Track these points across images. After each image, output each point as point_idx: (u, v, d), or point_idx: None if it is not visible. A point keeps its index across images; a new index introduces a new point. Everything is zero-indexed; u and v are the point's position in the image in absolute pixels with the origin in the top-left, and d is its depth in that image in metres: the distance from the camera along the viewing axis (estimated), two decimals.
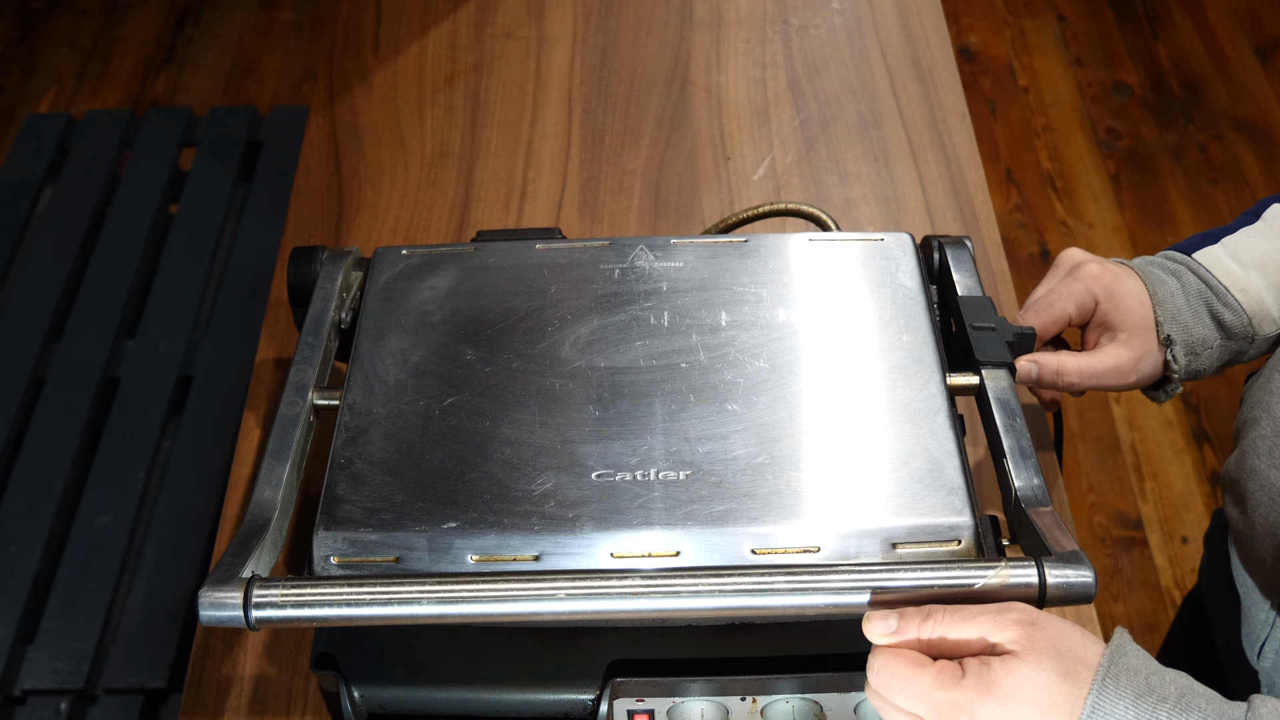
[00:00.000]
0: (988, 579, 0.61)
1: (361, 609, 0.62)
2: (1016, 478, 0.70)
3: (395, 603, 0.61)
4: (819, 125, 1.21)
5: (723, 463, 0.71)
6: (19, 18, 2.84)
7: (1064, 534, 0.64)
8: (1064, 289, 0.85)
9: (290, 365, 0.79)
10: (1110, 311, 0.84)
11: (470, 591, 0.62)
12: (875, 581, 0.61)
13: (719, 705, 0.73)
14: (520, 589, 0.62)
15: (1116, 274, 0.84)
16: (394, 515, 0.69)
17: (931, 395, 0.74)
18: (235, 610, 0.62)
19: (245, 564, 0.65)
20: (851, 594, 0.61)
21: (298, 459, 0.74)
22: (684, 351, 0.77)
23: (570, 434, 0.72)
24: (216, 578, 0.63)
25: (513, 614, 0.62)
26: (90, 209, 1.65)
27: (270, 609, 0.62)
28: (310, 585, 0.62)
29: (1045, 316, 0.84)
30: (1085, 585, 0.61)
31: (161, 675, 1.23)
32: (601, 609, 0.62)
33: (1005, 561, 0.61)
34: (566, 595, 0.61)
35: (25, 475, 1.39)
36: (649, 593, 0.62)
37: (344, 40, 1.32)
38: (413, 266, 0.84)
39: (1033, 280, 2.29)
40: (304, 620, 0.62)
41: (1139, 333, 0.83)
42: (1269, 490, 0.76)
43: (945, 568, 0.62)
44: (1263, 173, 2.43)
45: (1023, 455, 0.71)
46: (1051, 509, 0.68)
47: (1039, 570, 0.61)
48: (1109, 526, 1.98)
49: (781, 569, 0.62)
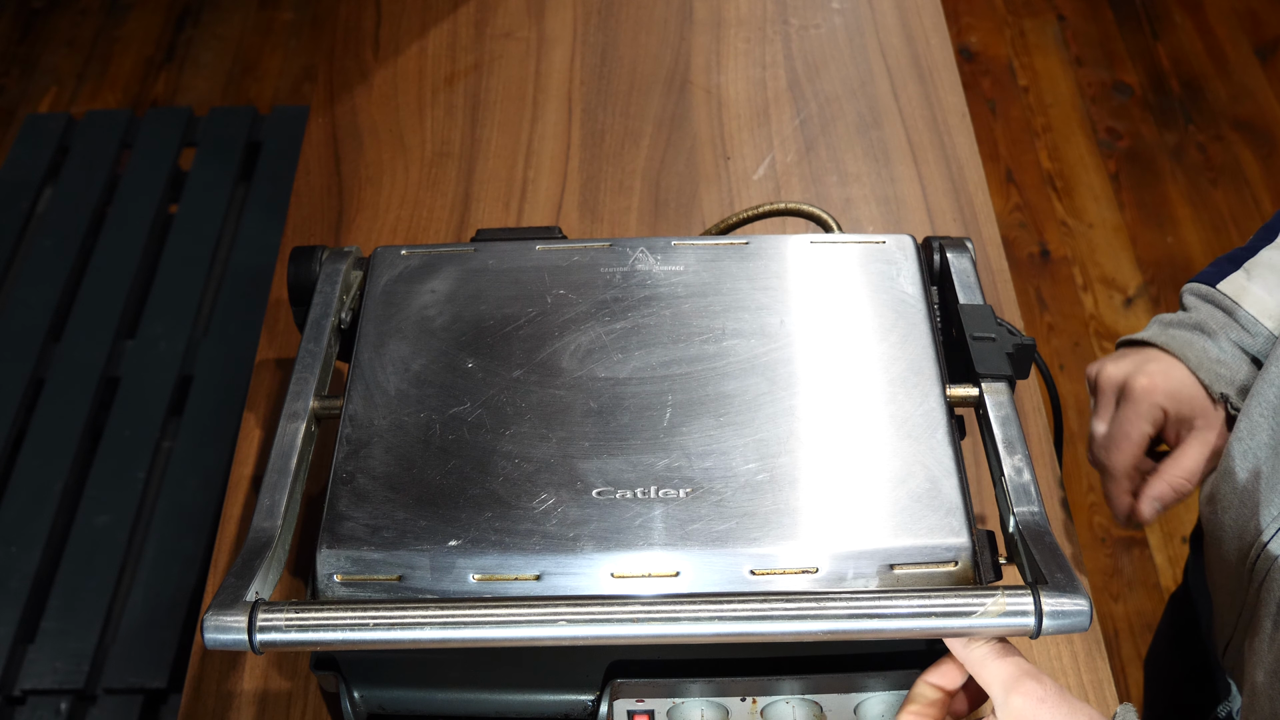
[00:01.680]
0: (985, 607, 0.61)
1: (364, 633, 0.62)
2: (1015, 503, 0.70)
3: (398, 627, 0.62)
4: (819, 125, 1.21)
5: (723, 480, 0.70)
6: (19, 18, 2.84)
7: (1061, 561, 0.64)
8: (1129, 415, 0.85)
9: (291, 372, 0.79)
10: (1178, 409, 0.84)
11: (473, 617, 0.62)
12: (874, 609, 0.62)
13: (719, 706, 0.73)
14: (522, 614, 0.62)
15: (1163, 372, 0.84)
16: (396, 533, 0.69)
17: (931, 410, 0.74)
18: (240, 634, 0.62)
19: (249, 585, 0.65)
20: (850, 621, 0.62)
21: (299, 477, 0.73)
22: (685, 361, 0.77)
23: (571, 448, 0.72)
24: (221, 601, 0.63)
25: (515, 639, 0.62)
26: (90, 209, 1.65)
27: (274, 633, 0.62)
28: (313, 610, 0.63)
29: (1129, 452, 0.85)
30: (1080, 615, 0.61)
31: (161, 675, 1.23)
32: (603, 634, 0.62)
33: (1002, 590, 0.62)
34: (568, 621, 0.62)
35: (25, 475, 1.39)
36: (650, 618, 0.62)
37: (344, 40, 1.32)
38: (412, 268, 0.83)
39: (1033, 280, 2.29)
40: (307, 644, 0.63)
41: (1207, 411, 0.84)
42: (1239, 492, 0.77)
43: (943, 595, 0.62)
44: (1263, 173, 2.43)
45: (1021, 480, 0.71)
46: (1049, 533, 0.68)
47: (1035, 600, 0.61)
48: (1109, 526, 1.98)
49: (780, 595, 0.62)
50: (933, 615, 0.61)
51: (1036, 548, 0.66)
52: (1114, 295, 2.27)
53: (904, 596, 0.62)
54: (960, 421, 0.76)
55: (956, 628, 0.61)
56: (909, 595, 0.62)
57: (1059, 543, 0.67)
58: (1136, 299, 2.27)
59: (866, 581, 0.67)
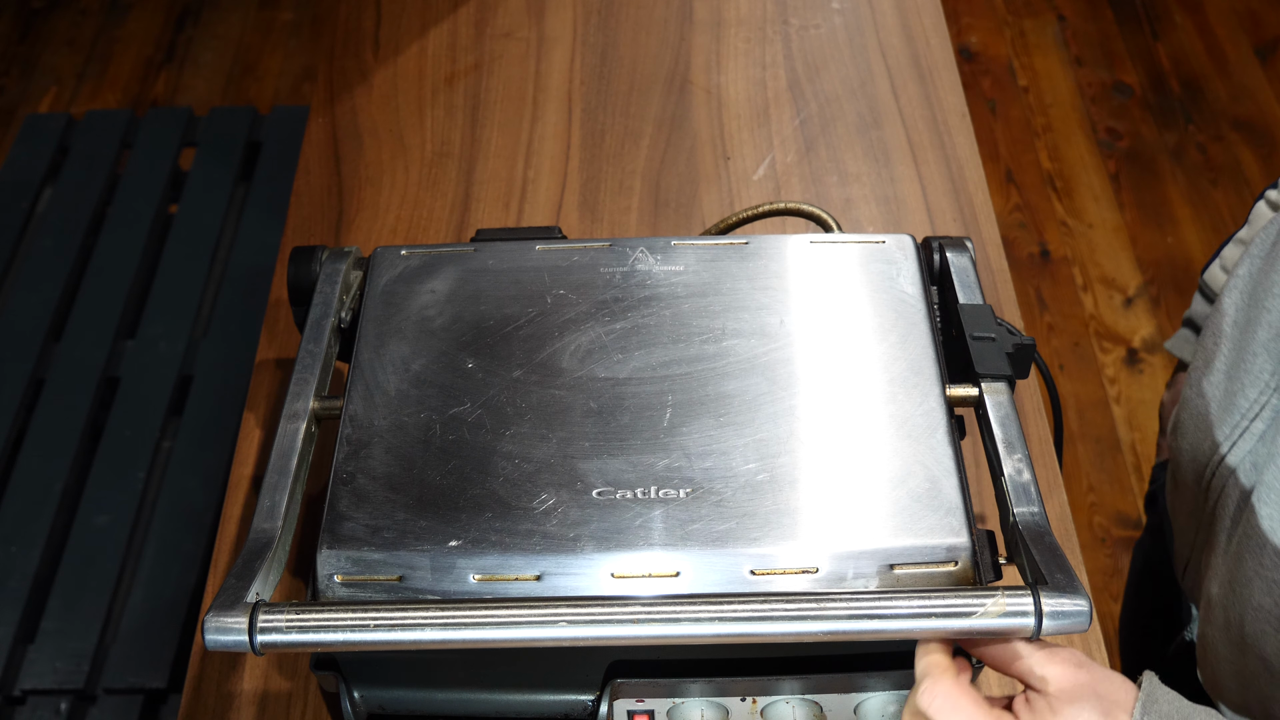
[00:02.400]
0: (986, 608, 0.61)
1: (365, 634, 0.62)
2: (1015, 503, 0.70)
3: (399, 628, 0.62)
4: (819, 125, 1.21)
5: (723, 480, 0.70)
6: (19, 18, 2.84)
7: (1061, 561, 0.64)
8: None
9: (291, 373, 0.79)
10: None
11: (473, 618, 0.62)
12: (874, 609, 0.62)
13: (719, 706, 0.73)
14: (523, 615, 0.62)
15: None
16: (397, 534, 0.69)
17: (931, 409, 0.74)
18: (241, 635, 0.62)
19: (250, 586, 0.65)
20: (850, 622, 0.62)
21: (299, 477, 0.74)
22: (685, 361, 0.77)
23: (571, 448, 0.72)
24: (221, 602, 0.63)
25: (515, 639, 0.62)
26: (90, 209, 1.65)
27: (275, 634, 0.62)
28: (314, 611, 0.63)
29: None
30: (1080, 615, 0.61)
31: (161, 675, 1.23)
32: (603, 635, 0.62)
33: (1002, 591, 0.62)
34: (569, 622, 0.62)
35: (25, 475, 1.39)
36: (650, 619, 0.62)
37: (344, 40, 1.32)
38: (412, 268, 0.83)
39: (1033, 280, 2.29)
40: (309, 645, 0.63)
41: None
42: (1196, 417, 0.78)
43: (943, 596, 0.62)
44: (1263, 173, 2.43)
45: (1021, 480, 0.71)
46: (1049, 533, 0.68)
47: (1035, 600, 0.61)
48: (1109, 526, 1.98)
49: (780, 596, 0.62)
50: (933, 615, 0.61)
51: (1036, 548, 0.66)
52: (1114, 295, 2.28)
53: (904, 597, 0.62)
54: (960, 422, 0.76)
55: (957, 628, 0.61)
56: (909, 596, 0.62)
57: (1059, 543, 0.67)
58: (1136, 299, 2.27)
59: (866, 581, 0.67)
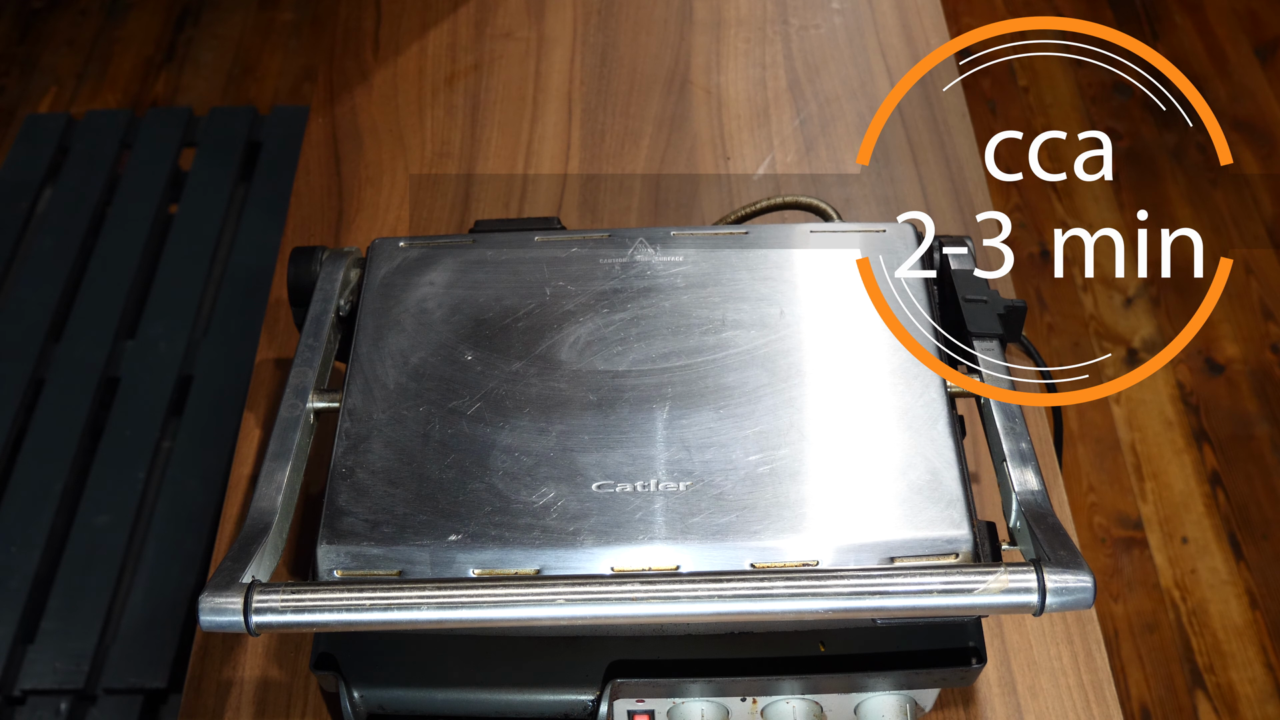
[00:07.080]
0: (987, 584, 0.61)
1: (362, 614, 0.62)
2: (1016, 483, 0.70)
3: (396, 608, 0.62)
4: (819, 125, 1.21)
5: (723, 473, 0.70)
6: (19, 18, 2.84)
7: (1064, 539, 0.64)
8: None
9: (290, 367, 0.79)
10: None
11: (470, 597, 0.62)
12: (874, 587, 0.61)
13: (719, 706, 0.73)
14: (520, 594, 0.62)
15: None
16: (396, 528, 0.69)
17: (931, 401, 0.74)
18: (235, 615, 0.62)
19: (246, 569, 0.65)
20: (850, 599, 0.61)
21: (298, 463, 0.73)
22: (684, 353, 0.77)
23: (570, 442, 0.72)
24: (217, 583, 0.63)
25: (513, 619, 0.62)
26: (90, 209, 1.65)
27: (271, 614, 0.62)
28: (311, 590, 0.62)
29: None
30: (1084, 591, 0.61)
31: (161, 675, 1.23)
32: (601, 614, 0.62)
33: (1004, 567, 0.61)
34: (566, 600, 0.62)
35: (25, 475, 1.39)
36: (649, 598, 0.62)
37: (344, 40, 1.32)
38: (411, 260, 0.83)
39: (1033, 280, 2.29)
40: (304, 625, 0.62)
41: None
42: None
43: (944, 573, 0.62)
44: (1263, 172, 2.43)
45: (1023, 459, 0.71)
46: (1051, 513, 0.67)
47: (1038, 576, 0.61)
48: (1109, 526, 1.98)
49: (781, 574, 0.62)
50: (934, 592, 0.61)
51: (1039, 527, 0.66)
52: (1114, 295, 2.27)
53: (905, 574, 0.62)
54: (961, 422, 0.76)
55: (958, 605, 0.61)
56: (910, 573, 0.62)
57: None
58: (1136, 299, 2.27)
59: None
